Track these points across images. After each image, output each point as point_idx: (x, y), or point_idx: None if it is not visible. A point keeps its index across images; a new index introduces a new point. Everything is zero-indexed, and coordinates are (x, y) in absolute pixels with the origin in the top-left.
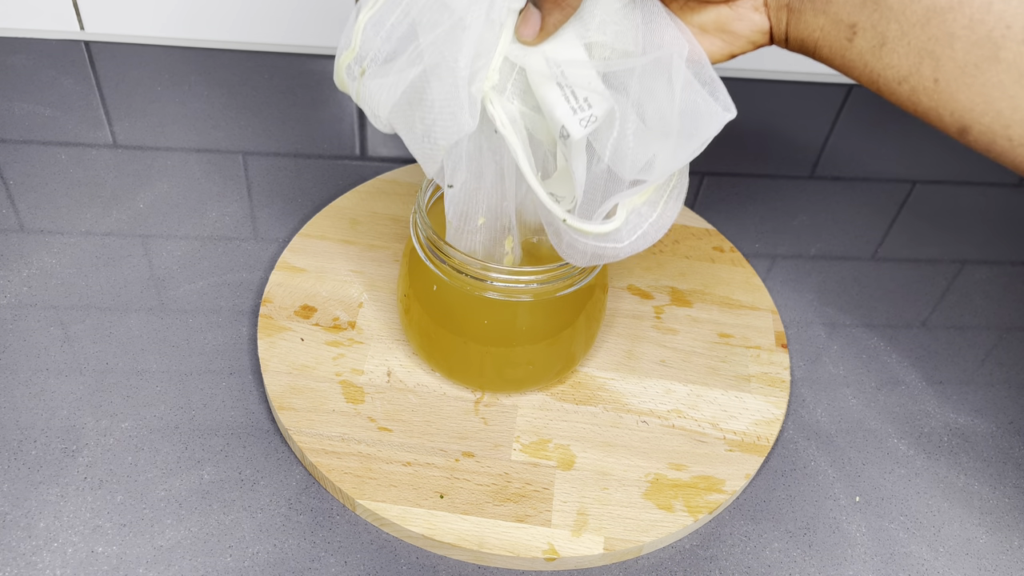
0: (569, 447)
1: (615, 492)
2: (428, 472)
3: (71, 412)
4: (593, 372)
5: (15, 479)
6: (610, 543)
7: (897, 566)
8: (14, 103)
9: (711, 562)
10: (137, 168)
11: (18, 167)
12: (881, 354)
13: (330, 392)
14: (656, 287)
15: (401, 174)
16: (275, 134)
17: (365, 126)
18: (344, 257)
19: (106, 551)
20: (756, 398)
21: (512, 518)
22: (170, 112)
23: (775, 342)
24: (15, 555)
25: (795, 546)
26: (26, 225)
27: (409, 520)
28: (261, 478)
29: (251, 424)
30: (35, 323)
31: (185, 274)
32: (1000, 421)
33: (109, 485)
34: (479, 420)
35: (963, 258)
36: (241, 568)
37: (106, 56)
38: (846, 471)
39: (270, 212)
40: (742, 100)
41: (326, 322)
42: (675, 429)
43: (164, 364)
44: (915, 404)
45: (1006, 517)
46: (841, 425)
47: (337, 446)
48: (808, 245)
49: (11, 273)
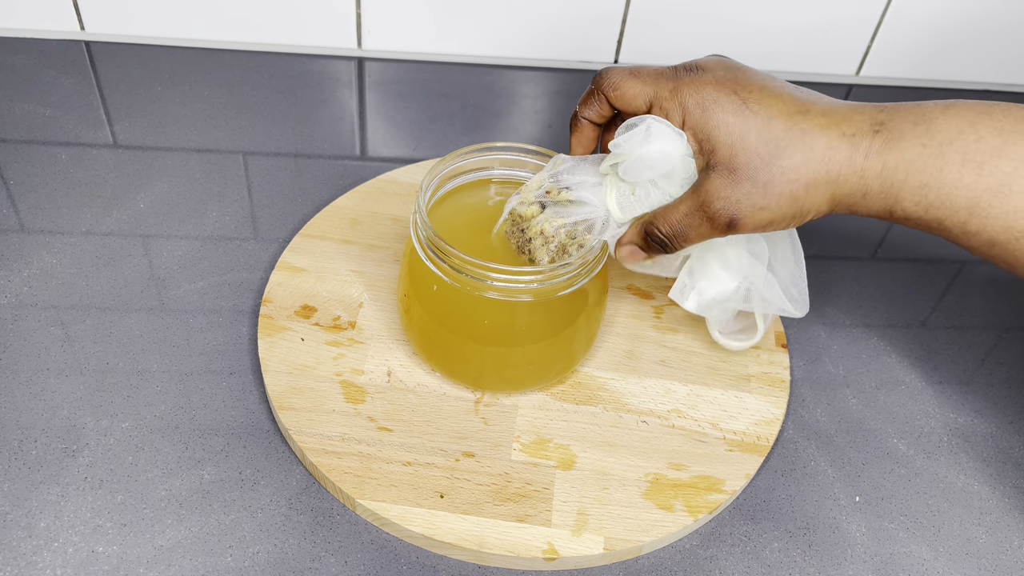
0: (569, 447)
1: (615, 492)
2: (428, 472)
3: (71, 412)
4: (593, 372)
5: (15, 479)
6: (610, 543)
7: (897, 566)
8: (14, 103)
9: (711, 562)
10: (137, 168)
11: (18, 167)
12: (881, 354)
13: (330, 392)
14: (656, 287)
15: (401, 174)
16: (275, 134)
17: (365, 126)
18: (344, 257)
19: (106, 551)
20: (756, 398)
21: (512, 518)
22: (170, 112)
23: (775, 342)
24: (15, 555)
25: (795, 546)
26: (26, 225)
27: (409, 520)
28: (261, 478)
29: (251, 424)
30: (35, 323)
31: (185, 274)
32: (1000, 421)
33: (109, 485)
34: (479, 420)
35: (963, 258)
36: (241, 568)
37: (106, 56)
38: (846, 471)
39: (270, 212)
40: None
41: (326, 322)
42: (675, 429)
43: (164, 364)
44: (915, 404)
45: (1006, 517)
46: (841, 425)
47: (337, 446)
48: (808, 245)
49: (11, 273)
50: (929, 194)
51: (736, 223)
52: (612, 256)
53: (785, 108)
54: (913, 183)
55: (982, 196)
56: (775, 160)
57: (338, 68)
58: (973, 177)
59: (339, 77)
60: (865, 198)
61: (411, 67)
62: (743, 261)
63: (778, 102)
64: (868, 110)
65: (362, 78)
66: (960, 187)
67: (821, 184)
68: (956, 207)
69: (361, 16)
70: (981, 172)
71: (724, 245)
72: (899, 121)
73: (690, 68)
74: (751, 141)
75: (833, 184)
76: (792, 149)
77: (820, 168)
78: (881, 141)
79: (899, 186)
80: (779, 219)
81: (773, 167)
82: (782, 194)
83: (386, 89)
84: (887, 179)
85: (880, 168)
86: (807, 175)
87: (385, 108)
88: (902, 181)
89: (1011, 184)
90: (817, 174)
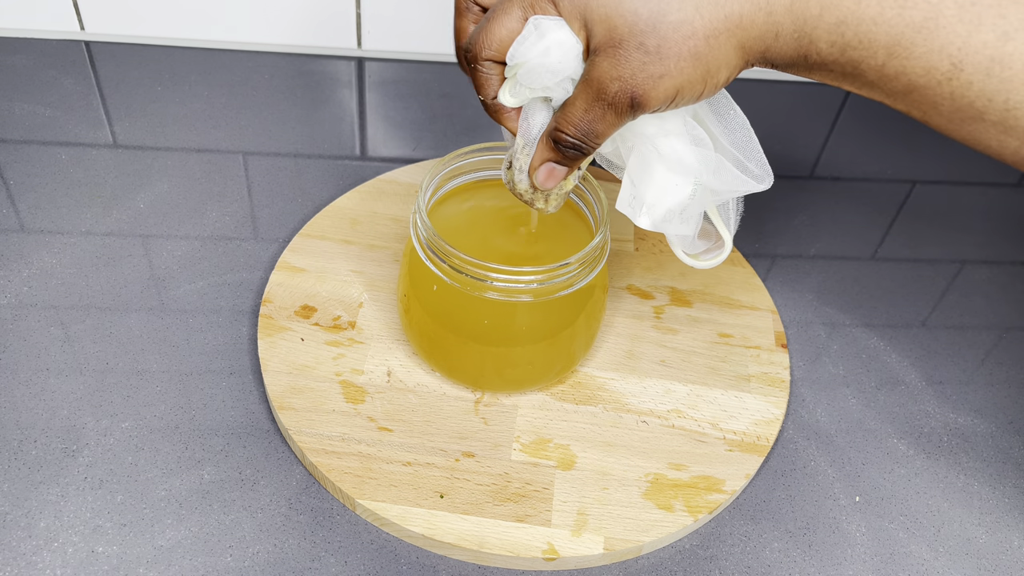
0: (569, 447)
1: (615, 492)
2: (428, 472)
3: (71, 412)
4: (593, 372)
5: (15, 479)
6: (610, 543)
7: (897, 566)
8: (14, 103)
9: (711, 562)
10: (137, 168)
11: (18, 167)
12: (881, 354)
13: (330, 392)
14: (656, 287)
15: (401, 174)
16: (275, 134)
17: (365, 126)
18: (344, 257)
19: (106, 551)
20: (756, 398)
21: (512, 518)
22: (170, 112)
23: (775, 342)
24: (15, 555)
25: (795, 546)
26: (26, 225)
27: (409, 520)
28: (261, 478)
29: (251, 424)
30: (35, 323)
31: (185, 274)
32: (1000, 421)
33: (109, 485)
34: (479, 420)
35: (963, 258)
36: (241, 568)
37: (106, 56)
38: (846, 471)
39: (270, 212)
40: (743, 100)
41: (326, 322)
42: (675, 429)
43: (164, 364)
44: (915, 404)
45: (1006, 517)
46: (841, 425)
47: (337, 446)
48: (808, 245)
49: (11, 273)
50: (846, 32)
51: (639, 100)
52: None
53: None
54: (828, 19)
55: (904, 32)
56: (662, 18)
57: (338, 68)
58: (895, 11)
59: (339, 77)
60: (777, 39)
61: (411, 67)
62: (689, 155)
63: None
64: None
65: (362, 78)
66: (880, 23)
67: (723, 32)
68: (875, 46)
69: (361, 16)
70: (904, 6)
71: (658, 139)
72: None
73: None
74: (628, 4)
75: (738, 29)
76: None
77: (718, 13)
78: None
79: (813, 23)
80: (686, 85)
81: (662, 27)
82: (680, 55)
83: (386, 89)
84: (798, 14)
85: (790, 1)
86: (705, 26)
87: (385, 108)
88: (816, 17)
89: (936, 19)
90: (716, 20)
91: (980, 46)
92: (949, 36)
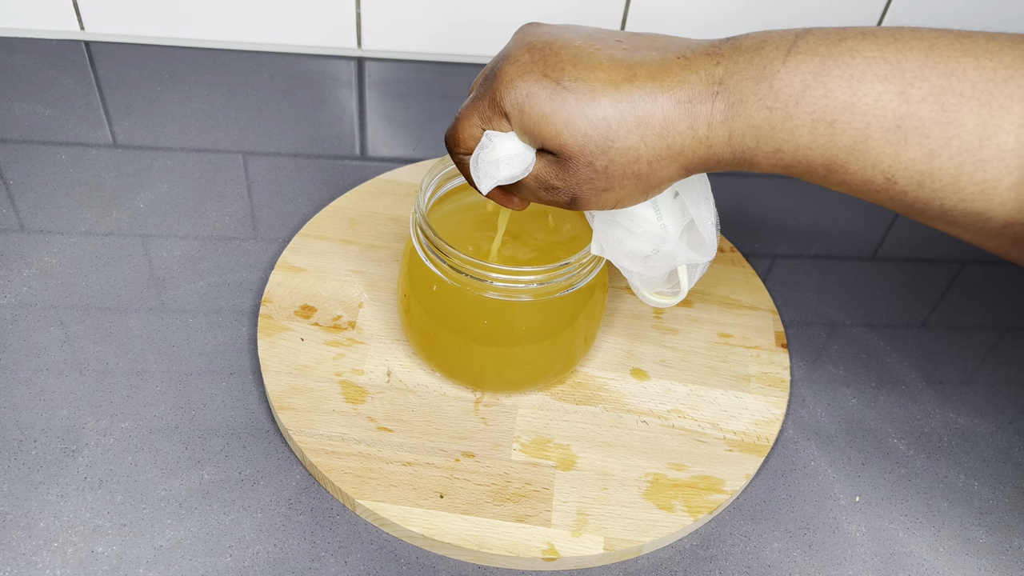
0: (569, 447)
1: (615, 492)
2: (428, 472)
3: (71, 412)
4: (593, 372)
5: (15, 479)
6: (610, 543)
7: (897, 566)
8: (14, 103)
9: (711, 562)
10: (137, 168)
11: (18, 167)
12: (881, 354)
13: (330, 392)
14: None
15: (401, 174)
16: (275, 134)
17: (365, 126)
18: (344, 257)
19: (106, 551)
20: (756, 398)
21: (512, 518)
22: (170, 112)
23: (775, 342)
24: (15, 555)
25: (795, 546)
26: (26, 225)
27: (409, 520)
28: (261, 478)
29: (251, 424)
30: (35, 323)
31: (185, 274)
32: (1000, 421)
33: (109, 485)
34: (479, 420)
35: (963, 258)
36: (241, 568)
37: (106, 56)
38: (846, 471)
39: (270, 212)
40: None
41: (326, 322)
42: (675, 429)
43: (164, 364)
44: (915, 404)
45: (1006, 517)
46: (841, 425)
47: (337, 446)
48: (808, 245)
49: (11, 273)
50: (784, 157)
51: (577, 203)
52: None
53: (607, 77)
54: (766, 148)
55: (838, 155)
56: (610, 144)
57: (338, 68)
58: (826, 137)
59: (339, 77)
60: (719, 165)
61: (411, 67)
62: (647, 223)
63: (598, 72)
64: (702, 64)
65: (362, 78)
66: (815, 148)
67: (666, 159)
68: (813, 167)
69: (361, 16)
70: (834, 131)
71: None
72: (739, 79)
73: (496, 65)
74: (579, 126)
75: (680, 156)
76: (626, 128)
77: (661, 144)
78: (723, 106)
79: (751, 152)
80: (627, 197)
81: (611, 151)
82: (624, 175)
83: (386, 89)
84: (737, 147)
85: (727, 137)
86: (648, 153)
87: (385, 108)
88: (753, 148)
89: (866, 141)
90: (659, 149)
91: (908, 163)
92: (879, 156)
